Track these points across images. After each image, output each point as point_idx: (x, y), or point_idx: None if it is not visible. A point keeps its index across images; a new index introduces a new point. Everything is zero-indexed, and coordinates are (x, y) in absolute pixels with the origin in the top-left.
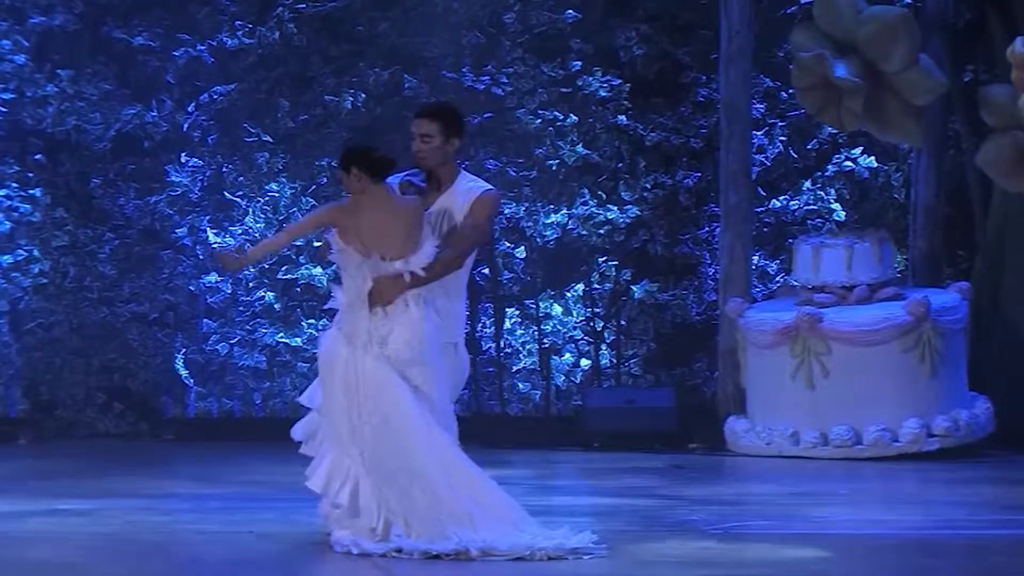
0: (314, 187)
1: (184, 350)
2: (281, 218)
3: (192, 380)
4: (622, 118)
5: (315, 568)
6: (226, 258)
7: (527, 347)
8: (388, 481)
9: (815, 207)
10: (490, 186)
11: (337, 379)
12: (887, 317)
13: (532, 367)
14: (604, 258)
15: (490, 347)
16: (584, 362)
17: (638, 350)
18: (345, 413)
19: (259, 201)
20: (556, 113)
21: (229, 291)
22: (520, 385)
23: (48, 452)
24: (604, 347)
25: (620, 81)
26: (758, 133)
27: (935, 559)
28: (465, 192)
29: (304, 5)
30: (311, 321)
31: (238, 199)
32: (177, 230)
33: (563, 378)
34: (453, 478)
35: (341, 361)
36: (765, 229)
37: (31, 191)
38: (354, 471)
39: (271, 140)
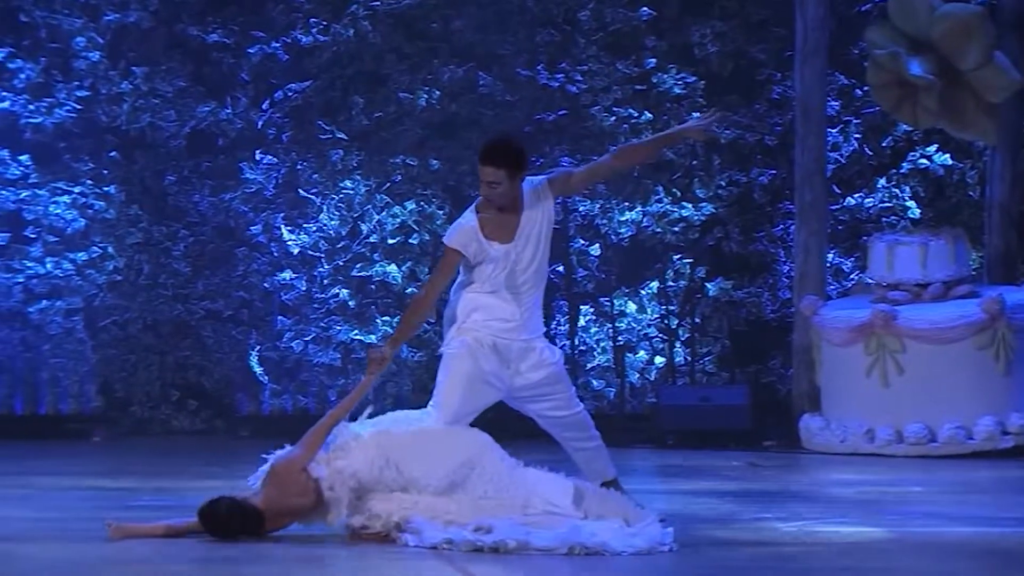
0: (388, 184)
1: (259, 347)
2: (355, 215)
3: (267, 377)
4: (697, 115)
5: (383, 564)
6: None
7: (601, 344)
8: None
9: (890, 205)
10: (539, 176)
11: None
12: (962, 315)
13: (607, 364)
14: (679, 255)
15: (565, 344)
16: (658, 359)
17: (712, 348)
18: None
19: (333, 198)
20: (631, 110)
21: (304, 288)
22: (595, 383)
23: (122, 449)
24: (678, 344)
25: (695, 78)
26: (833, 130)
27: (1007, 556)
28: (536, 197)
29: (379, 2)
30: (385, 318)
31: (312, 196)
32: (251, 227)
33: (637, 376)
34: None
35: None
36: (840, 227)
37: (106, 188)
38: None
39: (345, 137)
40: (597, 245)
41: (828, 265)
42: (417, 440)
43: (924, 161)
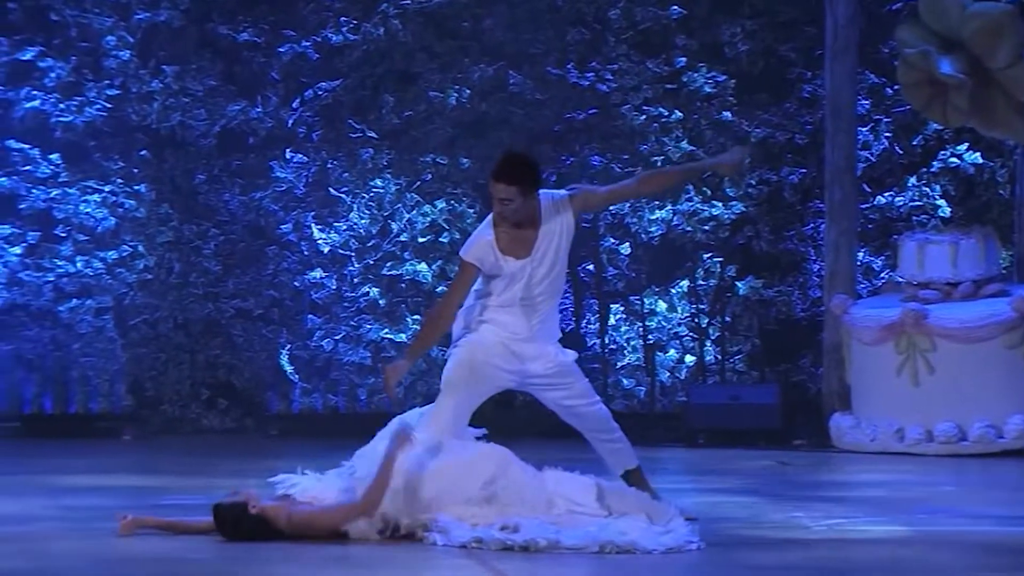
0: (418, 183)
1: (289, 346)
2: (386, 214)
3: (297, 376)
4: (727, 114)
5: (415, 563)
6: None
7: (632, 343)
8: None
9: (920, 203)
10: (561, 191)
11: None
12: (992, 313)
13: (637, 363)
14: (709, 254)
15: (595, 343)
16: (689, 358)
17: (743, 346)
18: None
19: (364, 197)
20: (661, 109)
21: (334, 287)
22: (625, 381)
23: (153, 448)
24: (709, 343)
25: (725, 77)
26: (863, 129)
27: None
28: (555, 210)
29: (409, 1)
30: (415, 317)
31: (343, 195)
32: (282, 226)
33: (668, 374)
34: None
35: None
36: (870, 225)
37: (136, 187)
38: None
39: (376, 136)
40: (627, 244)
41: (858, 264)
42: (443, 473)
43: (954, 160)
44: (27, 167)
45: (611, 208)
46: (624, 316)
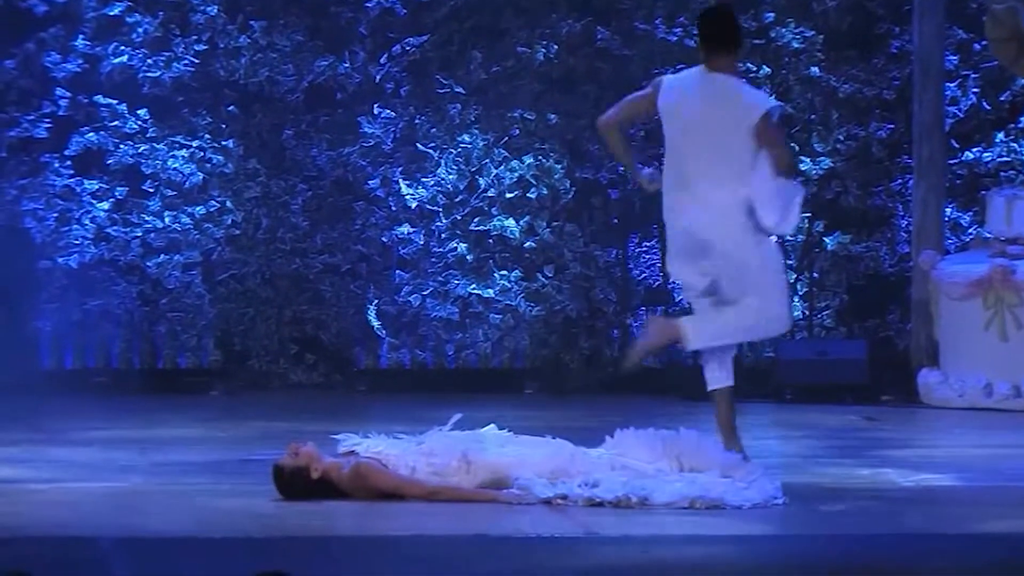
0: (506, 139)
1: (377, 301)
2: (473, 169)
3: (385, 331)
4: (815, 70)
5: (492, 514)
6: None
7: None
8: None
9: (1008, 159)
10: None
11: None
12: None
13: None
14: None
15: (683, 299)
16: None
17: (831, 302)
18: None
19: (451, 152)
20: (749, 65)
21: (422, 243)
22: None
23: (241, 403)
24: (797, 299)
25: (813, 33)
26: (951, 85)
27: None
28: None
29: None
30: (503, 272)
31: (430, 150)
32: (370, 182)
33: None
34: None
35: None
36: (958, 181)
37: (224, 142)
38: None
39: (463, 91)
40: None
41: (946, 219)
42: (514, 464)
43: None
44: (115, 122)
45: None
46: None
